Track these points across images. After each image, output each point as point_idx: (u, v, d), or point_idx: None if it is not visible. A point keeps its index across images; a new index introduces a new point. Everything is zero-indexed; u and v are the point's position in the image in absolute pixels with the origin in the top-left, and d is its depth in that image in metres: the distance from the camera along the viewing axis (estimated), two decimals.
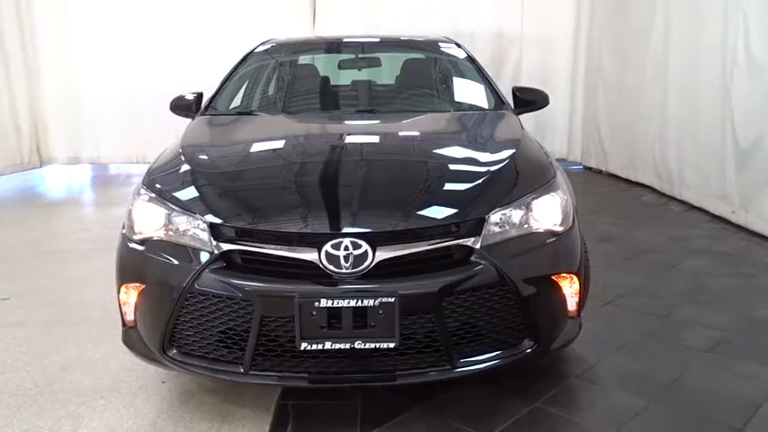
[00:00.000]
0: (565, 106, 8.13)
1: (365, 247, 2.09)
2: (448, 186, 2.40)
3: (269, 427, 2.35)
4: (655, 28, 6.18)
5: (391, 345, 2.08)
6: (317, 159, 2.68)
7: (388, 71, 3.97)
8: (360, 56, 3.97)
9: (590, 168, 7.69)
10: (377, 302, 2.05)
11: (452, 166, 2.58)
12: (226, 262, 2.17)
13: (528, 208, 2.32)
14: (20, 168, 7.55)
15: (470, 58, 3.83)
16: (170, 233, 2.28)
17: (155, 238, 2.29)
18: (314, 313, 2.05)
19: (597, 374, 2.75)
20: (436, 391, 2.55)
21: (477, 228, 2.20)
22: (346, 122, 3.34)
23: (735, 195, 4.92)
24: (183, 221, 2.26)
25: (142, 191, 2.45)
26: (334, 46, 4.19)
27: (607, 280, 3.87)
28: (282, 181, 2.48)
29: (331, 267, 2.09)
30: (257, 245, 2.15)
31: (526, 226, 2.30)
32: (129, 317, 2.37)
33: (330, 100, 3.82)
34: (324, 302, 2.05)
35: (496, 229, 2.23)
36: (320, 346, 2.08)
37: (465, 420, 2.38)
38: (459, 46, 3.98)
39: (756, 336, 3.09)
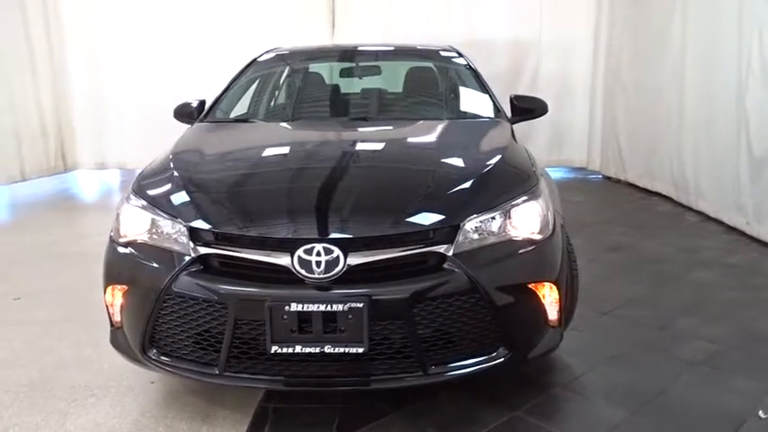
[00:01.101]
0: (584, 114, 8.04)
1: (337, 252, 2.12)
2: (423, 194, 2.41)
3: (246, 428, 2.39)
4: (673, 34, 6.09)
5: (360, 350, 2.11)
6: (297, 166, 2.73)
7: (387, 80, 4.01)
8: (360, 65, 4.02)
9: (609, 178, 7.59)
10: (346, 307, 2.08)
11: (430, 174, 2.60)
12: (204, 265, 2.23)
13: (505, 216, 2.33)
14: (46, 173, 7.75)
15: (469, 67, 3.84)
16: (154, 237, 2.34)
17: (139, 242, 2.36)
18: (285, 317, 2.09)
19: (582, 385, 2.73)
20: (415, 398, 2.56)
21: (451, 235, 2.22)
22: (336, 131, 3.38)
23: (749, 206, 4.81)
24: (166, 225, 2.32)
25: (131, 195, 2.52)
26: (335, 55, 4.25)
27: (608, 290, 3.84)
28: (261, 187, 2.53)
29: (303, 272, 2.13)
30: (232, 249, 2.20)
31: (503, 234, 2.31)
32: (116, 318, 2.44)
33: (326, 108, 3.87)
34: (294, 306, 2.08)
35: (471, 236, 2.24)
36: (290, 350, 2.11)
37: (441, 427, 2.39)
38: (460, 54, 4.00)
39: (752, 349, 3.03)
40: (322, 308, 2.08)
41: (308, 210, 2.31)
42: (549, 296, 2.37)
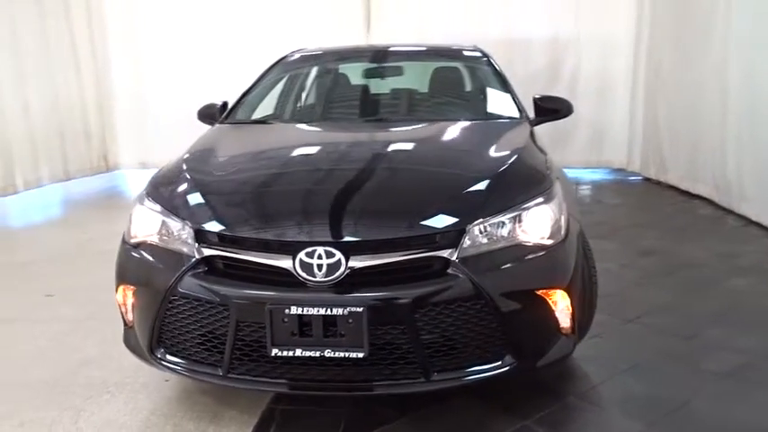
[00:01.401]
0: (624, 113, 7.82)
1: (338, 255, 2.10)
2: (428, 197, 2.35)
3: (251, 429, 2.40)
4: (716, 29, 5.86)
5: (360, 354, 2.08)
6: (306, 168, 2.71)
7: (409, 80, 3.96)
8: (383, 65, 3.99)
9: (649, 180, 7.36)
10: (346, 311, 2.06)
11: (438, 177, 2.55)
12: (208, 267, 2.23)
13: (514, 220, 2.26)
14: (89, 172, 7.97)
15: (492, 67, 3.76)
16: (164, 238, 2.36)
17: (148, 242, 2.39)
18: (285, 320, 2.08)
19: (599, 395, 2.64)
20: (424, 404, 2.52)
21: (456, 239, 2.17)
22: (351, 132, 3.36)
23: None
24: (173, 227, 2.34)
25: (143, 197, 2.56)
26: (357, 55, 4.21)
27: (637, 296, 3.72)
28: (266, 189, 2.52)
29: (304, 275, 2.11)
30: (235, 251, 2.20)
31: (511, 238, 2.25)
32: (129, 317, 2.48)
33: (344, 110, 3.85)
34: (294, 310, 2.07)
35: (477, 240, 2.19)
36: (291, 353, 2.10)
37: None
38: (484, 54, 3.92)
39: None
40: (322, 311, 2.07)
41: (311, 212, 2.29)
42: (560, 303, 2.30)
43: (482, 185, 2.40)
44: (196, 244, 2.25)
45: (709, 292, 3.78)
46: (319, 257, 2.10)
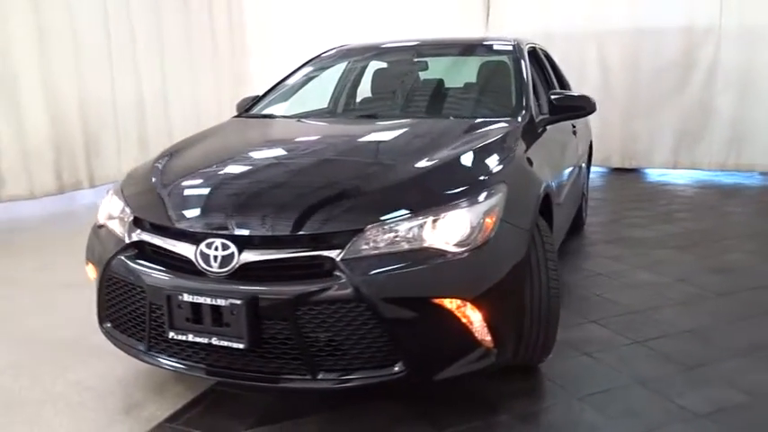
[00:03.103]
0: None
1: (232, 248, 2.19)
2: (329, 196, 2.32)
3: (183, 405, 2.56)
4: None
5: (240, 345, 2.15)
6: (243, 162, 2.74)
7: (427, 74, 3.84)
8: (416, 60, 3.91)
9: None
10: (227, 303, 2.14)
11: (353, 176, 2.48)
12: (139, 251, 2.43)
13: (422, 224, 2.18)
14: None
15: (516, 61, 3.48)
16: (115, 222, 2.59)
17: (106, 226, 2.65)
18: (180, 306, 2.21)
19: (539, 418, 2.44)
20: (343, 402, 2.52)
21: (348, 240, 2.15)
22: (326, 128, 3.36)
23: None
24: (124, 213, 2.57)
25: (117, 186, 2.83)
26: (370, 51, 4.14)
27: (669, 317, 3.34)
28: (196, 181, 2.61)
29: (203, 265, 2.23)
30: (154, 237, 2.37)
31: (416, 242, 2.16)
32: None
33: (344, 106, 3.85)
34: (187, 297, 2.19)
35: (372, 242, 2.14)
36: (184, 338, 2.23)
37: None
38: (513, 47, 3.65)
39: None
40: (209, 301, 2.17)
41: (218, 205, 2.38)
42: (473, 315, 2.18)
43: (395, 186, 2.33)
44: (131, 229, 2.46)
45: (760, 320, 3.27)
46: (216, 249, 2.21)
